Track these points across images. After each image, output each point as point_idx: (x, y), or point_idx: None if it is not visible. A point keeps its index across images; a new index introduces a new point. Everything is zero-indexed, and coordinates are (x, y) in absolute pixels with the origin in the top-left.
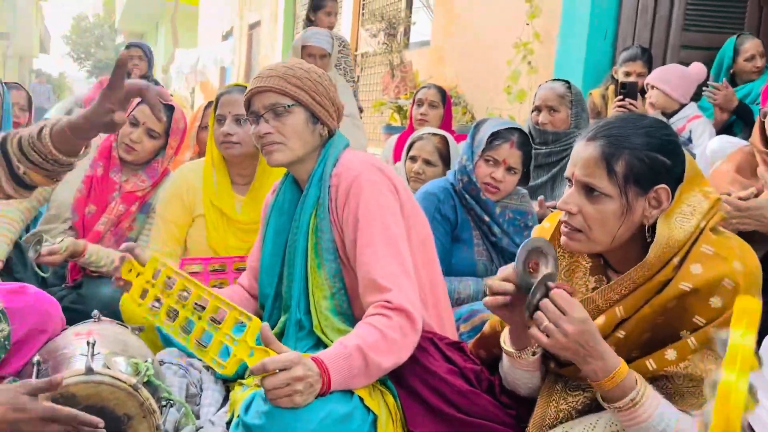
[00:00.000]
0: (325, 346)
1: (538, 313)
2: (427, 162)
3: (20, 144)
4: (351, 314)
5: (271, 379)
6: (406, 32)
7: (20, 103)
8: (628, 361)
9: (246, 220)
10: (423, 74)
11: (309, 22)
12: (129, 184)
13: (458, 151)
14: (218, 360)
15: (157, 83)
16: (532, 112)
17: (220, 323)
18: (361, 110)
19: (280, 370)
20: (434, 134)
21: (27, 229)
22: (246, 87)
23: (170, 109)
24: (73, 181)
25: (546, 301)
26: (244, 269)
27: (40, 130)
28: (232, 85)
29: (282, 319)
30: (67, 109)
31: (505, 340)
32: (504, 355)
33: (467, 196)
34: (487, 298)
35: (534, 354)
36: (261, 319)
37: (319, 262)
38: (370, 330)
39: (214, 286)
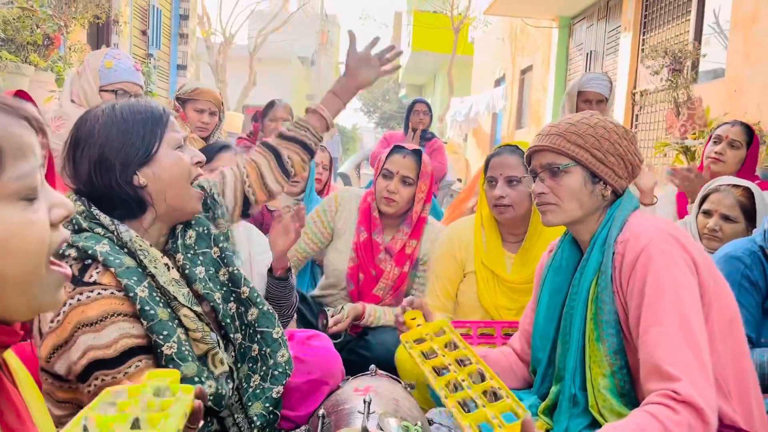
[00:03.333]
0: None
1: None
2: (726, 218)
3: (281, 134)
4: (634, 396)
5: None
6: (694, 65)
7: (324, 163)
8: None
9: (517, 280)
10: (716, 110)
11: None
12: (396, 243)
13: (766, 204)
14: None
15: (433, 135)
16: None
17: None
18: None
19: None
20: (734, 185)
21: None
22: (516, 147)
23: (418, 153)
24: (344, 249)
25: None
26: (511, 335)
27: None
28: (503, 146)
29: (554, 389)
30: (357, 164)
31: None
32: None
33: None
34: None
35: None
36: (532, 386)
37: (598, 335)
38: (650, 420)
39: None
